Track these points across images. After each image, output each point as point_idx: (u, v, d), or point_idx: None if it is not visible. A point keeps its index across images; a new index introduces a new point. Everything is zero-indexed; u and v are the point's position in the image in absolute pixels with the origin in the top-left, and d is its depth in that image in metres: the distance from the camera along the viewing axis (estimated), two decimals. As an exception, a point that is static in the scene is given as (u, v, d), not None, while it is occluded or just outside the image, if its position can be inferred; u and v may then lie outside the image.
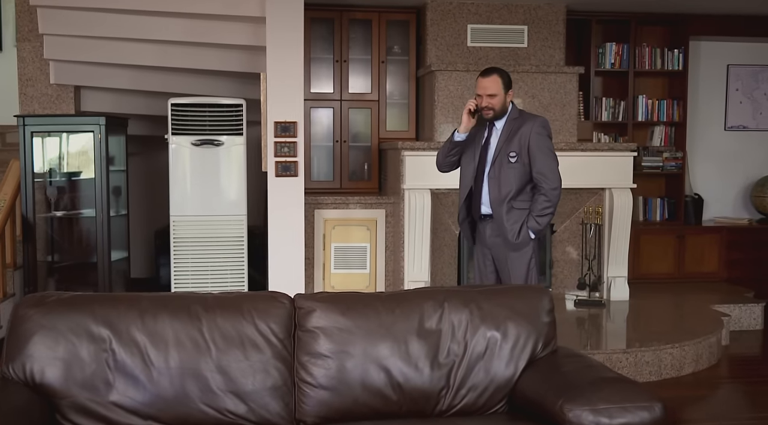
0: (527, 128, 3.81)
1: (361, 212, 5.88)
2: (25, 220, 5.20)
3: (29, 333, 2.56)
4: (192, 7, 5.39)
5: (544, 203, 3.81)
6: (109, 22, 5.39)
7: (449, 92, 5.92)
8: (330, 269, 5.92)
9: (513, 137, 3.81)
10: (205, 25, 5.53)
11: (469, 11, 6.09)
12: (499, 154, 3.83)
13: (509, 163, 3.81)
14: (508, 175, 3.81)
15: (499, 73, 3.85)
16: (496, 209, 3.83)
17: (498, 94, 3.80)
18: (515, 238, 3.79)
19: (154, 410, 2.54)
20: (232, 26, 5.53)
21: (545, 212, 3.81)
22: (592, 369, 2.60)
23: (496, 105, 3.81)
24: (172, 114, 5.41)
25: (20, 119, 5.14)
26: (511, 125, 3.86)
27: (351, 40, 6.30)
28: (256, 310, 2.69)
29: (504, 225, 3.81)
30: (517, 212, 3.82)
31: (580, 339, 4.90)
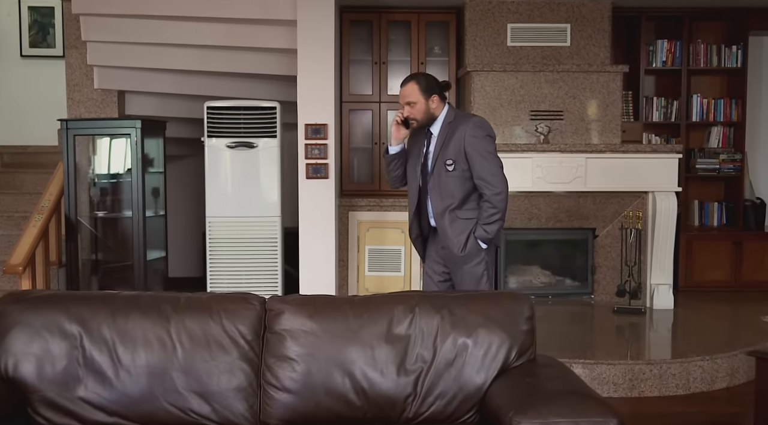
0: (461, 131, 3.54)
1: (396, 215, 5.84)
2: (68, 220, 5.41)
3: (6, 328, 2.65)
4: (230, 11, 5.49)
5: (490, 210, 3.52)
6: (150, 28, 5.55)
7: (486, 93, 5.81)
8: (364, 272, 5.91)
9: (448, 143, 3.56)
10: (242, 29, 5.62)
11: (509, 10, 5.96)
12: (437, 162, 3.58)
13: (447, 171, 3.56)
14: (448, 184, 3.56)
15: (417, 79, 3.63)
16: (439, 221, 3.60)
17: (417, 101, 3.58)
18: (461, 250, 3.54)
19: (120, 407, 2.59)
20: (268, 30, 5.60)
21: (492, 220, 3.52)
22: (558, 381, 2.48)
23: (418, 114, 3.60)
24: (208, 117, 5.53)
25: (63, 123, 5.35)
26: (445, 130, 3.60)
27: (390, 42, 6.27)
28: (225, 311, 2.70)
29: (449, 237, 3.57)
30: (463, 223, 3.57)
31: (602, 348, 4.71)
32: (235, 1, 5.45)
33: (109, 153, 5.75)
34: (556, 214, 5.74)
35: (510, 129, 5.79)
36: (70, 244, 5.42)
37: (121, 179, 5.61)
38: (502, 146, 5.51)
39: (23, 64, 7.44)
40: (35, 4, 7.39)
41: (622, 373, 4.16)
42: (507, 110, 5.81)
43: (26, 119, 7.25)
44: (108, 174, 5.68)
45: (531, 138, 5.74)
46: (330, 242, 5.29)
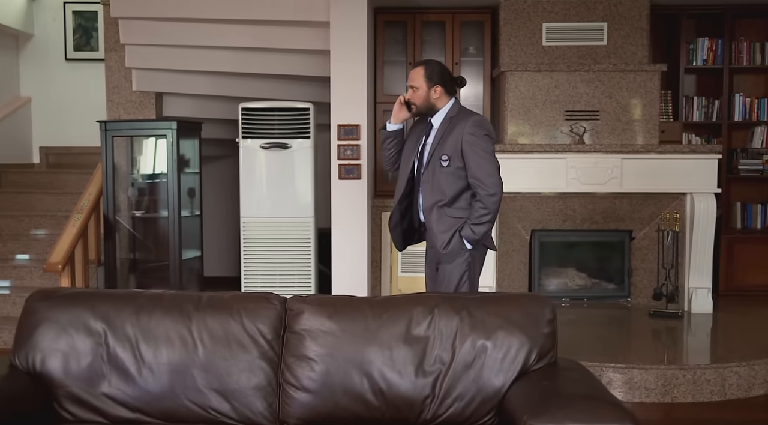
0: (460, 128, 3.44)
1: (428, 216, 5.81)
2: (106, 219, 5.52)
3: (35, 325, 2.72)
4: (264, 14, 5.55)
5: (481, 211, 3.41)
6: (186, 31, 5.64)
7: (519, 93, 5.76)
8: (397, 273, 5.91)
9: (447, 137, 3.46)
10: (276, 31, 5.68)
11: (544, 9, 5.90)
12: (432, 156, 3.49)
13: (441, 166, 3.45)
14: (440, 179, 3.46)
15: (426, 65, 3.54)
16: (427, 216, 3.52)
17: (419, 87, 3.50)
18: (443, 247, 3.45)
19: (142, 403, 2.64)
20: (302, 31, 5.65)
21: (482, 221, 3.41)
22: (577, 385, 2.45)
23: (417, 100, 3.52)
24: (243, 118, 5.60)
25: (102, 124, 5.47)
26: (446, 124, 3.50)
27: (425, 43, 6.26)
28: (246, 310, 2.72)
29: (434, 233, 3.49)
30: (450, 221, 3.47)
31: (636, 352, 4.63)
32: (270, 4, 5.51)
33: (147, 154, 5.86)
34: (592, 215, 5.67)
35: (545, 130, 5.73)
36: (108, 243, 5.54)
37: (158, 179, 5.71)
38: (535, 147, 5.48)
39: (68, 67, 7.63)
40: (79, 9, 7.58)
41: (655, 378, 4.08)
42: (542, 111, 5.75)
43: (70, 121, 7.43)
44: (145, 174, 5.79)
45: (566, 139, 5.68)
46: (363, 242, 5.31)
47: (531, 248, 5.75)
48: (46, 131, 7.62)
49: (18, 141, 7.48)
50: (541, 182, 5.49)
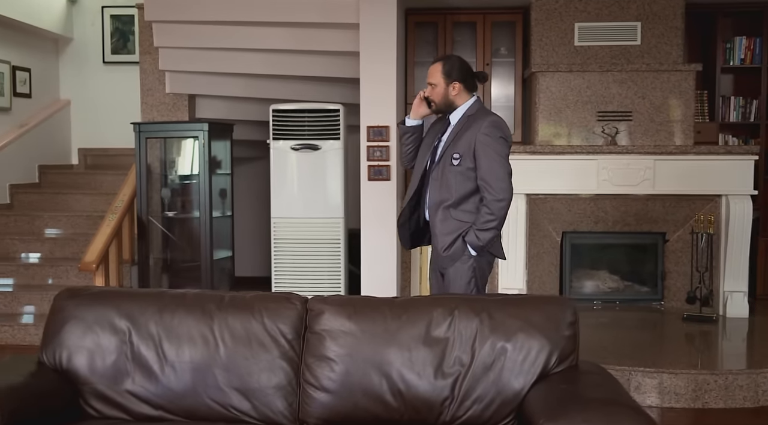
0: (476, 127, 3.31)
1: (458, 217, 5.79)
2: (139, 219, 5.61)
3: (62, 322, 2.78)
4: (295, 16, 5.60)
5: (487, 216, 3.26)
6: (218, 33, 5.71)
7: (551, 94, 5.71)
8: (427, 273, 5.88)
9: (461, 136, 3.34)
10: (307, 33, 5.72)
11: (576, 9, 5.84)
12: (445, 154, 3.37)
13: (451, 164, 3.33)
14: (448, 178, 3.34)
15: (444, 61, 3.41)
16: (432, 215, 3.40)
17: (437, 84, 3.38)
18: (444, 249, 3.33)
19: (165, 401, 2.67)
20: (332, 33, 5.68)
21: (487, 227, 3.25)
22: (597, 388, 2.42)
23: (436, 97, 3.40)
24: (274, 119, 5.65)
25: (136, 126, 5.57)
26: (463, 122, 3.38)
27: (456, 43, 6.24)
28: (267, 310, 2.75)
29: (436, 234, 3.37)
30: (454, 223, 3.33)
31: (666, 356, 4.55)
32: (301, 6, 5.55)
33: (180, 155, 5.94)
34: (624, 217, 5.59)
35: (576, 130, 5.67)
36: (141, 243, 5.63)
37: (190, 180, 5.78)
38: (566, 148, 5.43)
39: (105, 70, 7.77)
40: (117, 13, 7.72)
41: (685, 383, 4.01)
42: (573, 111, 5.69)
43: (107, 123, 7.57)
44: (178, 175, 5.87)
45: (598, 140, 5.61)
46: (392, 243, 5.31)
47: (562, 250, 5.69)
48: (85, 132, 7.77)
49: (57, 143, 7.65)
50: (572, 183, 5.43)
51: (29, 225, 6.49)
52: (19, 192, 6.87)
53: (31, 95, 7.31)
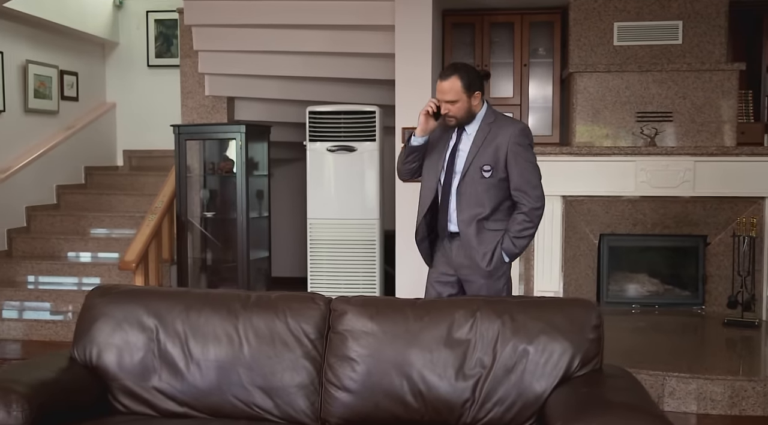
0: (504, 136, 3.22)
1: (494, 219, 5.76)
2: (178, 219, 5.72)
3: (93, 319, 2.85)
4: (332, 18, 5.64)
5: (525, 224, 3.21)
6: (257, 36, 5.78)
7: (588, 95, 5.64)
8: (462, 276, 5.86)
9: (488, 146, 3.23)
10: (343, 35, 5.76)
11: (615, 8, 5.75)
12: (471, 165, 3.24)
13: (482, 177, 3.22)
14: (481, 191, 3.24)
15: (460, 73, 3.21)
16: (465, 230, 3.27)
17: (458, 99, 3.20)
18: (487, 264, 3.24)
19: (190, 398, 2.72)
20: (369, 35, 5.71)
21: (524, 234, 3.22)
22: (618, 393, 2.38)
23: (457, 113, 3.23)
24: (310, 121, 5.70)
25: (175, 128, 5.67)
26: (485, 130, 3.26)
27: (493, 44, 6.21)
28: (291, 310, 2.78)
29: (474, 248, 3.26)
30: (490, 234, 3.26)
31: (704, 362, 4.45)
32: (338, 9, 5.59)
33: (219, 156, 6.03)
34: (663, 220, 5.49)
35: (614, 131, 5.59)
36: (180, 243, 5.73)
37: (228, 181, 5.87)
38: (603, 149, 5.36)
39: (150, 73, 7.93)
40: (161, 17, 7.86)
41: (722, 389, 3.92)
42: (611, 112, 5.61)
43: (151, 125, 7.72)
44: (216, 177, 5.96)
45: (636, 141, 5.53)
46: (426, 245, 5.29)
47: (599, 253, 5.62)
48: (129, 135, 7.95)
49: (103, 145, 7.83)
50: (610, 185, 5.35)
51: (74, 225, 6.66)
52: (66, 193, 7.06)
53: (78, 99, 7.50)
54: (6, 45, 6.46)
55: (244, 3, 5.59)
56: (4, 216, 6.37)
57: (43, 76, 6.93)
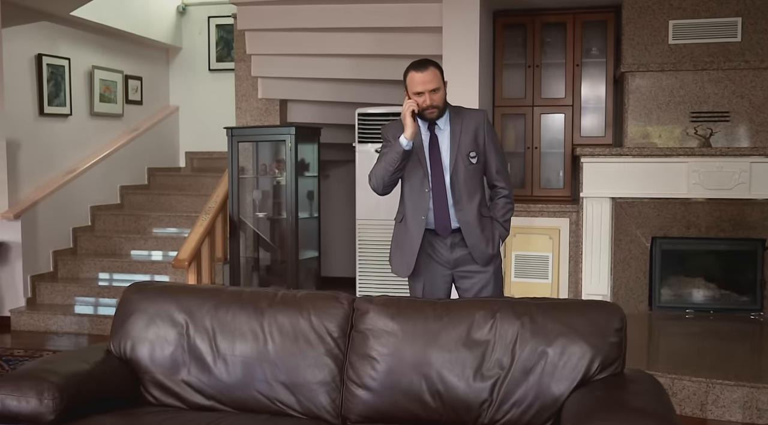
0: (476, 122, 3.34)
1: (543, 221, 5.72)
2: (231, 219, 5.87)
3: (128, 314, 2.96)
4: (381, 21, 5.69)
5: (508, 206, 3.40)
6: (308, 40, 5.88)
7: (641, 95, 5.53)
8: (510, 278, 5.84)
9: (465, 133, 3.31)
10: (392, 37, 5.80)
11: (671, 6, 5.62)
12: (458, 155, 3.31)
13: (471, 164, 3.31)
14: (470, 179, 3.33)
15: (434, 64, 3.29)
16: (467, 220, 3.33)
17: (440, 87, 3.26)
18: (493, 248, 3.35)
19: (216, 392, 2.80)
20: (416, 37, 5.73)
21: (509, 217, 3.40)
22: (634, 397, 2.34)
23: (440, 101, 3.28)
24: (359, 123, 5.76)
25: (228, 131, 5.83)
26: (457, 121, 3.33)
27: (545, 45, 6.15)
28: (315, 309, 2.83)
29: (479, 236, 3.33)
30: (486, 220, 3.38)
31: (752, 370, 4.31)
32: (387, 11, 5.63)
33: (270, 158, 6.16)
34: (718, 223, 5.33)
35: (667, 132, 5.47)
36: (232, 242, 5.88)
37: (279, 182, 5.99)
38: (654, 150, 5.25)
39: (211, 77, 8.16)
40: (222, 23, 8.07)
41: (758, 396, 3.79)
42: (665, 112, 5.49)
43: (212, 127, 7.91)
44: (268, 178, 6.09)
45: (691, 141, 5.38)
46: (472, 246, 5.29)
47: (652, 256, 5.49)
48: (191, 137, 8.20)
49: (166, 147, 8.10)
50: (661, 186, 5.24)
51: (136, 224, 6.91)
52: (129, 193, 7.33)
53: (142, 102, 7.77)
54: (73, 52, 6.75)
55: (295, 7, 5.69)
56: (69, 215, 6.66)
57: (108, 81, 7.22)
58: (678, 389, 3.90)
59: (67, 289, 6.16)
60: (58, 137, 6.58)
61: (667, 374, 3.94)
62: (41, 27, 6.37)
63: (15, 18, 6.07)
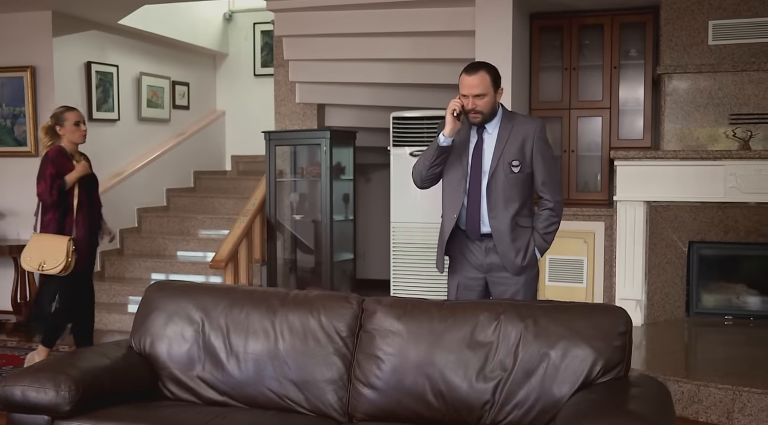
0: (528, 131, 3.30)
1: (577, 224, 5.67)
2: (268, 221, 5.99)
3: (148, 312, 3.09)
4: (417, 26, 5.74)
5: (552, 219, 3.31)
6: (344, 45, 5.97)
7: (678, 97, 5.44)
8: (545, 281, 5.81)
9: (513, 142, 3.29)
10: (428, 41, 5.84)
11: (711, 6, 5.51)
12: (499, 162, 3.30)
13: (512, 173, 3.28)
14: (510, 187, 3.29)
15: (487, 69, 3.31)
16: (499, 228, 3.30)
17: (486, 93, 3.25)
18: (523, 260, 3.29)
19: (228, 388, 2.90)
20: (451, 41, 5.76)
21: (552, 229, 3.32)
22: (631, 401, 2.33)
23: (485, 107, 3.26)
24: (394, 127, 5.81)
25: (266, 134, 5.95)
26: (507, 128, 3.31)
27: (583, 47, 6.10)
28: (325, 308, 2.90)
29: (509, 246, 3.30)
30: (522, 230, 3.32)
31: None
32: (423, 16, 5.67)
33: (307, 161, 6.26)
34: (758, 227, 5.20)
35: (705, 134, 5.36)
36: (270, 244, 6.00)
37: (315, 185, 6.08)
38: (690, 153, 5.16)
39: (255, 82, 8.33)
40: (266, 29, 8.23)
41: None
42: (703, 114, 5.39)
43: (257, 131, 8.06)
44: (305, 180, 6.19)
45: (731, 144, 5.27)
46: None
47: (689, 261, 5.39)
48: (237, 140, 8.37)
49: (213, 150, 8.30)
50: (696, 190, 5.13)
51: (181, 226, 7.11)
52: (175, 195, 7.54)
53: (189, 107, 7.99)
54: (121, 59, 6.99)
55: (331, 13, 5.78)
56: (117, 217, 6.88)
57: (155, 87, 7.45)
58: (704, 396, 3.84)
59: (113, 288, 6.37)
60: (106, 142, 6.82)
61: (693, 380, 3.88)
62: (91, 36, 6.62)
63: (66, 28, 6.33)
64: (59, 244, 4.57)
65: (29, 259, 4.61)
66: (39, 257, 4.57)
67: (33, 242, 4.65)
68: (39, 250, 4.59)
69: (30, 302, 6.17)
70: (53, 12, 6.18)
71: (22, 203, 6.34)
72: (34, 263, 4.58)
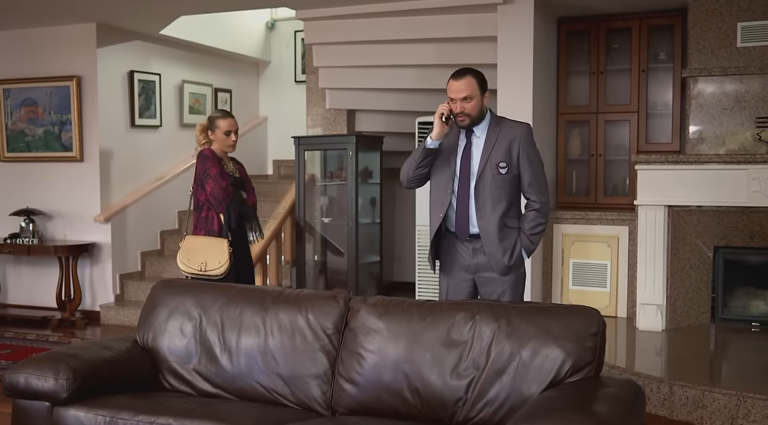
0: (514, 134, 3.39)
1: (602, 229, 5.66)
2: (297, 224, 6.16)
3: (152, 308, 3.27)
4: (442, 32, 5.84)
5: (538, 220, 3.39)
6: (370, 52, 6.10)
7: (703, 100, 5.38)
8: (568, 285, 5.81)
9: (500, 144, 3.37)
10: (452, 47, 5.93)
11: (739, 8, 5.43)
12: (487, 164, 3.38)
13: (499, 174, 3.36)
14: (497, 188, 3.38)
15: (473, 73, 3.43)
16: (487, 228, 3.38)
17: (473, 96, 3.37)
18: (510, 260, 3.37)
19: (222, 381, 3.05)
20: (475, 47, 5.83)
21: (538, 230, 3.39)
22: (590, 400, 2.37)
23: (472, 110, 3.37)
24: (419, 131, 5.92)
25: (296, 140, 6.13)
26: (495, 131, 3.41)
27: (611, 51, 6.08)
28: (313, 307, 3.02)
29: (497, 246, 3.37)
30: (509, 231, 3.39)
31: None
32: (445, 22, 5.76)
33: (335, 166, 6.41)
34: (785, 232, 5.11)
35: (730, 138, 5.29)
36: (299, 246, 6.17)
37: (343, 189, 6.22)
38: (713, 157, 5.11)
39: (296, 88, 8.52)
40: (307, 36, 8.42)
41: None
42: (729, 117, 5.32)
43: (297, 136, 8.31)
44: (334, 184, 6.34)
45: (758, 148, 5.18)
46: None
47: (714, 267, 5.31)
48: (279, 145, 8.57)
49: (255, 155, 8.52)
50: (719, 194, 5.06)
51: (219, 228, 7.33)
52: (215, 199, 7.77)
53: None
54: (163, 67, 7.27)
55: (357, 21, 5.92)
56: (158, 219, 7.18)
57: (197, 94, 7.72)
58: (708, 401, 3.81)
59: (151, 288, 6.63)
60: (148, 147, 7.11)
61: (698, 385, 3.86)
62: (134, 46, 6.92)
63: (109, 38, 6.64)
64: (219, 245, 4.40)
65: (187, 260, 4.47)
66: (199, 259, 4.42)
67: (189, 244, 4.48)
68: (197, 251, 4.43)
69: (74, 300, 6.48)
70: (97, 24, 6.49)
71: (69, 205, 6.70)
72: (194, 264, 4.44)
